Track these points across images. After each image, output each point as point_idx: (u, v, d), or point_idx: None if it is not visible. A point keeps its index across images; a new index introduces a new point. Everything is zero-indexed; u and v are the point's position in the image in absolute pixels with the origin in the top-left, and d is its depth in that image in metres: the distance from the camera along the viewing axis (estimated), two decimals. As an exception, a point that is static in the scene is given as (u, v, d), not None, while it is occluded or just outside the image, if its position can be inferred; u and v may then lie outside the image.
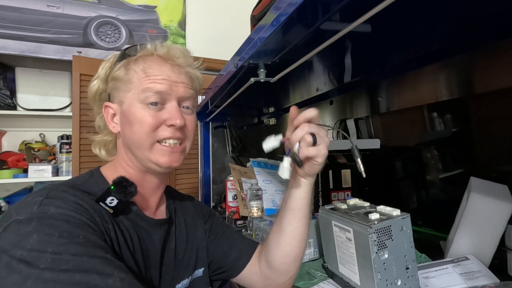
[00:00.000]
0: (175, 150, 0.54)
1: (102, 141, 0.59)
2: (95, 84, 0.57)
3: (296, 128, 0.51)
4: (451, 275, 0.59)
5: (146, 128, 0.52)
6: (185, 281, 0.60)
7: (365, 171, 0.52)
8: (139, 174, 0.56)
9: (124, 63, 0.55)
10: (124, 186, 0.51)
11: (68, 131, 1.68)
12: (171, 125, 0.53)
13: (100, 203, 0.47)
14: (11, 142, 1.85)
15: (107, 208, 0.48)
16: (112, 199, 0.48)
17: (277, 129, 1.84)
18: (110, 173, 0.56)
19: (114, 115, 0.56)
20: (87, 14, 1.85)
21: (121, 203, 0.49)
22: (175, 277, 0.58)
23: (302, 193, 0.56)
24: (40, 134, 1.89)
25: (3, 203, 1.66)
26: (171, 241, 0.60)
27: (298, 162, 0.50)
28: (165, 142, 0.54)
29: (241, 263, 0.65)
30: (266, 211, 1.17)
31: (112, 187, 0.49)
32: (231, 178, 1.35)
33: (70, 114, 1.65)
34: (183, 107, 0.57)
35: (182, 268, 0.60)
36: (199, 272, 0.63)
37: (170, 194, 0.68)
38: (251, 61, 0.69)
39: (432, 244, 0.81)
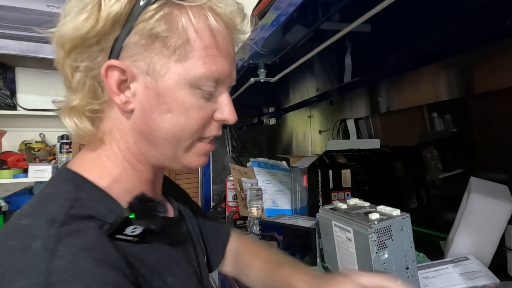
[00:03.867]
0: (212, 148, 0.43)
1: (82, 109, 0.37)
2: (88, 19, 0.33)
3: None
4: (451, 275, 0.59)
5: (194, 124, 0.39)
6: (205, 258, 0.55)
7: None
8: (149, 170, 0.42)
9: (164, 11, 0.35)
10: (147, 209, 0.35)
11: (68, 131, 1.68)
12: (221, 121, 0.42)
13: (118, 236, 0.33)
14: (11, 142, 1.85)
15: (129, 239, 0.34)
16: (135, 228, 0.34)
17: (277, 129, 1.84)
18: (103, 177, 0.39)
19: (124, 82, 0.37)
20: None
21: (148, 230, 0.35)
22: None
23: None
24: (40, 134, 1.89)
25: (3, 203, 1.66)
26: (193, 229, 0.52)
27: None
28: (206, 140, 0.42)
29: (216, 261, 0.62)
30: (266, 211, 1.17)
31: (131, 216, 0.33)
32: (231, 178, 1.35)
33: (70, 114, 1.65)
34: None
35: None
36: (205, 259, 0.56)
37: None
38: (251, 61, 0.69)
39: (432, 244, 0.81)
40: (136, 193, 0.36)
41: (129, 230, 0.34)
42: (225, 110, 0.41)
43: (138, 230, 0.34)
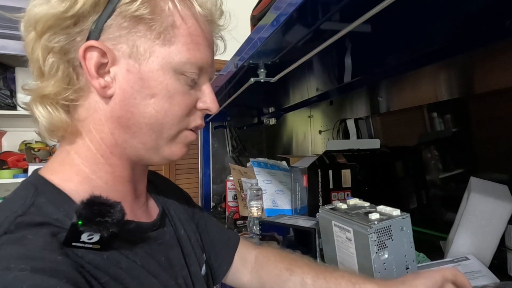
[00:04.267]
0: (194, 137, 0.42)
1: (55, 97, 0.34)
2: None
3: None
4: (451, 275, 0.59)
5: (179, 110, 0.37)
6: (203, 269, 0.50)
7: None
8: (124, 165, 0.39)
9: None
10: (97, 213, 0.30)
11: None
12: (204, 110, 0.41)
13: (74, 243, 0.30)
14: (11, 142, 1.85)
15: (89, 246, 0.31)
16: (91, 235, 0.30)
17: (277, 129, 1.84)
18: (70, 177, 0.36)
19: (104, 65, 0.34)
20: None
21: (109, 235, 0.31)
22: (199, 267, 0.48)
23: None
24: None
25: (3, 203, 1.66)
26: (179, 230, 0.48)
27: None
28: (192, 129, 0.41)
29: (222, 269, 0.56)
30: (266, 211, 1.17)
31: (79, 222, 0.29)
32: (231, 178, 1.35)
33: (70, 114, 1.65)
34: None
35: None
36: (203, 270, 0.50)
37: None
38: (251, 61, 0.69)
39: (432, 244, 0.81)
40: (108, 193, 0.33)
41: (85, 237, 0.30)
42: (208, 99, 0.41)
43: (96, 237, 0.31)
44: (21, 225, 0.29)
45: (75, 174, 0.36)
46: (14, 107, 1.72)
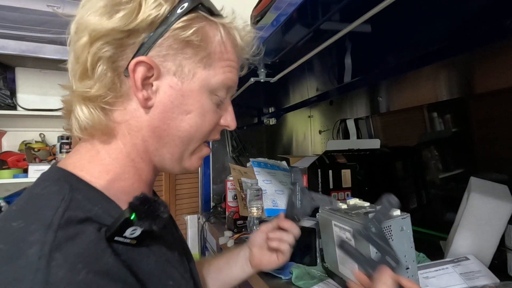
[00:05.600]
0: (209, 151, 0.47)
1: (97, 99, 0.37)
2: (126, 16, 0.35)
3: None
4: (451, 275, 0.59)
5: (208, 126, 0.42)
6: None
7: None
8: (150, 171, 0.42)
9: (199, 24, 0.38)
10: (150, 209, 0.33)
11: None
12: (224, 126, 0.45)
13: (117, 238, 0.32)
14: (11, 142, 1.85)
15: (127, 241, 0.33)
16: (134, 230, 0.32)
17: (277, 129, 1.84)
18: (101, 175, 0.37)
19: (148, 78, 0.37)
20: (87, 14, 1.85)
21: (148, 231, 0.34)
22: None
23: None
24: (40, 134, 1.89)
25: (3, 203, 1.66)
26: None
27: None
28: (209, 143, 0.46)
29: None
30: (266, 211, 1.17)
31: (133, 217, 0.32)
32: (231, 178, 1.35)
33: (70, 114, 1.65)
34: None
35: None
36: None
37: None
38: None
39: (432, 244, 0.81)
40: (135, 194, 0.34)
41: (128, 232, 0.32)
42: (229, 117, 0.45)
43: (137, 232, 0.33)
44: (70, 221, 0.30)
45: (105, 173, 0.38)
46: (14, 107, 1.72)
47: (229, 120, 0.45)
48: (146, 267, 0.35)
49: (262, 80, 0.72)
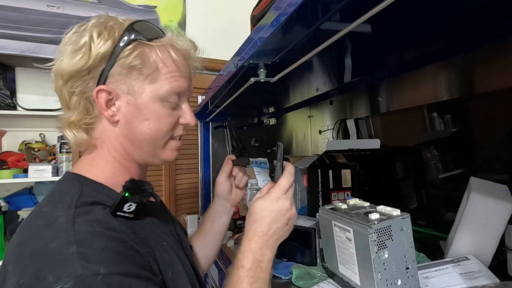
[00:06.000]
0: (181, 144, 0.56)
1: (78, 123, 0.49)
2: (82, 58, 0.46)
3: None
4: (451, 275, 0.59)
5: (166, 127, 0.51)
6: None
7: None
8: (135, 166, 0.53)
9: (138, 50, 0.47)
10: (138, 186, 0.46)
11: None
12: (184, 124, 0.54)
13: (118, 213, 0.44)
14: (11, 142, 1.84)
15: (126, 215, 0.45)
16: (130, 205, 0.45)
17: (277, 129, 1.84)
18: (99, 175, 0.49)
19: (110, 100, 0.48)
20: (87, 14, 1.84)
21: (140, 205, 0.46)
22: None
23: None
24: (40, 134, 1.89)
25: (3, 203, 1.66)
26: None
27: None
28: (177, 139, 0.55)
29: None
30: (266, 211, 1.16)
31: (127, 194, 0.44)
32: (231, 178, 1.34)
33: (70, 114, 1.65)
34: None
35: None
36: None
37: None
38: (251, 61, 0.69)
39: (432, 244, 0.81)
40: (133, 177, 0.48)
41: (126, 207, 0.44)
42: (187, 116, 0.54)
43: (133, 207, 0.45)
44: (83, 203, 0.42)
45: (102, 173, 0.50)
46: (14, 107, 1.72)
47: (187, 118, 0.54)
48: (144, 232, 0.47)
49: (262, 80, 0.72)
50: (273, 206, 0.51)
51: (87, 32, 0.47)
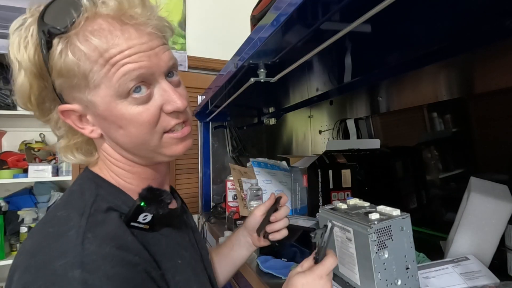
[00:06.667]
0: (185, 133, 0.45)
1: (71, 145, 0.45)
2: (24, 83, 0.39)
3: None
4: (451, 275, 0.59)
5: (145, 128, 0.41)
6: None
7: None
8: (145, 169, 0.47)
9: (64, 45, 0.36)
10: (155, 196, 0.42)
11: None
12: (172, 111, 0.42)
13: (132, 223, 0.40)
14: (11, 142, 1.85)
15: (141, 226, 0.41)
16: (146, 216, 0.40)
17: (277, 129, 1.84)
18: (115, 177, 0.46)
19: (81, 116, 0.42)
20: (87, 14, 1.84)
21: (157, 216, 0.42)
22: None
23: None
24: (40, 134, 1.89)
25: (3, 203, 1.66)
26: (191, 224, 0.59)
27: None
28: (173, 130, 0.44)
29: None
30: (266, 211, 1.16)
31: (142, 204, 0.40)
32: (231, 178, 1.35)
33: (70, 114, 1.65)
34: (168, 76, 0.43)
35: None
36: None
37: None
38: (251, 61, 0.69)
39: (432, 244, 0.81)
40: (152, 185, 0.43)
41: (141, 218, 0.40)
42: (171, 100, 0.41)
43: (148, 217, 0.41)
44: (98, 210, 0.39)
45: (117, 176, 0.46)
46: (14, 107, 1.72)
47: (172, 103, 0.41)
48: (158, 249, 0.42)
49: (262, 80, 0.72)
50: (315, 283, 0.45)
51: (10, 46, 0.38)
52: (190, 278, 0.46)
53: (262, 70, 0.71)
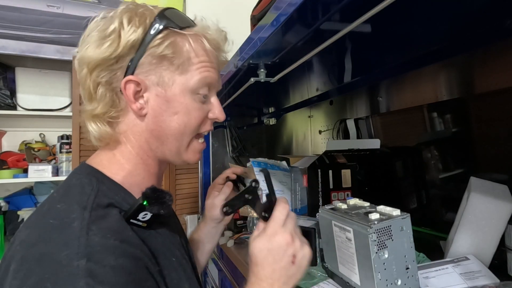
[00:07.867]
0: (204, 146, 0.54)
1: (103, 116, 0.45)
2: (111, 46, 0.43)
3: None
4: (451, 275, 0.59)
5: (195, 122, 0.49)
6: None
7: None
8: (156, 164, 0.51)
9: (170, 39, 0.45)
10: (158, 197, 0.43)
11: (68, 131, 1.68)
12: (213, 119, 0.52)
13: (131, 220, 0.41)
14: (11, 142, 1.85)
15: (139, 223, 0.42)
16: (145, 214, 0.42)
17: (277, 129, 1.84)
18: (118, 172, 0.47)
19: (138, 92, 0.45)
20: (87, 14, 1.84)
21: (156, 216, 0.43)
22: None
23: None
24: (40, 134, 1.89)
25: (3, 203, 1.66)
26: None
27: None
28: (200, 139, 0.52)
29: None
30: (266, 211, 1.16)
31: (145, 203, 0.41)
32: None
33: (70, 114, 1.65)
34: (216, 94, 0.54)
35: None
36: None
37: None
38: (251, 61, 0.69)
39: (432, 244, 0.81)
40: (145, 186, 0.43)
41: (141, 216, 0.42)
42: (216, 111, 0.52)
43: (148, 216, 0.42)
44: (99, 205, 0.40)
45: (121, 170, 0.47)
46: (14, 107, 1.72)
47: (217, 113, 0.52)
48: (155, 245, 0.44)
49: (262, 80, 0.72)
50: (271, 243, 0.44)
51: (116, 18, 0.44)
52: (183, 276, 0.47)
53: (262, 70, 0.72)
